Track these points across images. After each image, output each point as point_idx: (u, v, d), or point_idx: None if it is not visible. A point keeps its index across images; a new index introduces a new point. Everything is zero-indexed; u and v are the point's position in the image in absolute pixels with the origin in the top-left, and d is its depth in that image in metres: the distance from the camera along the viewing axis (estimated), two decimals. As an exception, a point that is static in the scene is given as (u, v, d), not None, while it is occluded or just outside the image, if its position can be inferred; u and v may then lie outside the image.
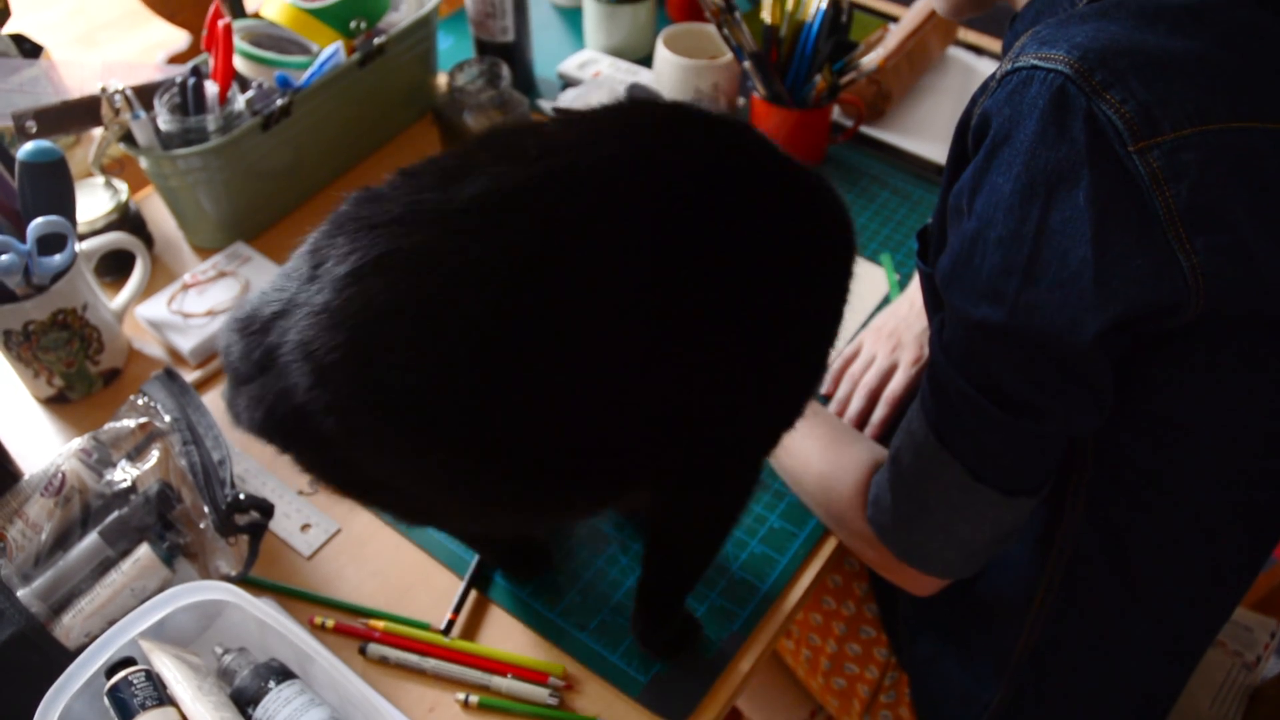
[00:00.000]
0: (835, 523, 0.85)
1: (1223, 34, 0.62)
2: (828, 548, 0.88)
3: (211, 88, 1.06)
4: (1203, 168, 0.59)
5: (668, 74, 1.24)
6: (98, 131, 1.06)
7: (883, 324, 1.01)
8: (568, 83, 1.39)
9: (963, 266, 0.66)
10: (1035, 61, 0.61)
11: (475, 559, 0.85)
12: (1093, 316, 0.62)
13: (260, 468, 0.93)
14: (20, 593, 0.75)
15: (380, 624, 0.81)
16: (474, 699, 0.77)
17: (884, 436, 0.94)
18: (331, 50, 1.14)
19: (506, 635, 0.82)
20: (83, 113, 1.03)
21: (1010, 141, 0.62)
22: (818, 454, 0.85)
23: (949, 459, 0.71)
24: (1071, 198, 0.60)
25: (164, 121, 1.04)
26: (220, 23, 1.05)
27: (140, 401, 0.88)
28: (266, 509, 0.82)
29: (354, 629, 0.81)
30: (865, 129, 1.31)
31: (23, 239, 0.88)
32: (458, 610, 0.82)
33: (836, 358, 1.01)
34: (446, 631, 0.81)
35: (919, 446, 0.73)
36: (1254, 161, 0.60)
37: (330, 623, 0.81)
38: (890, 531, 0.77)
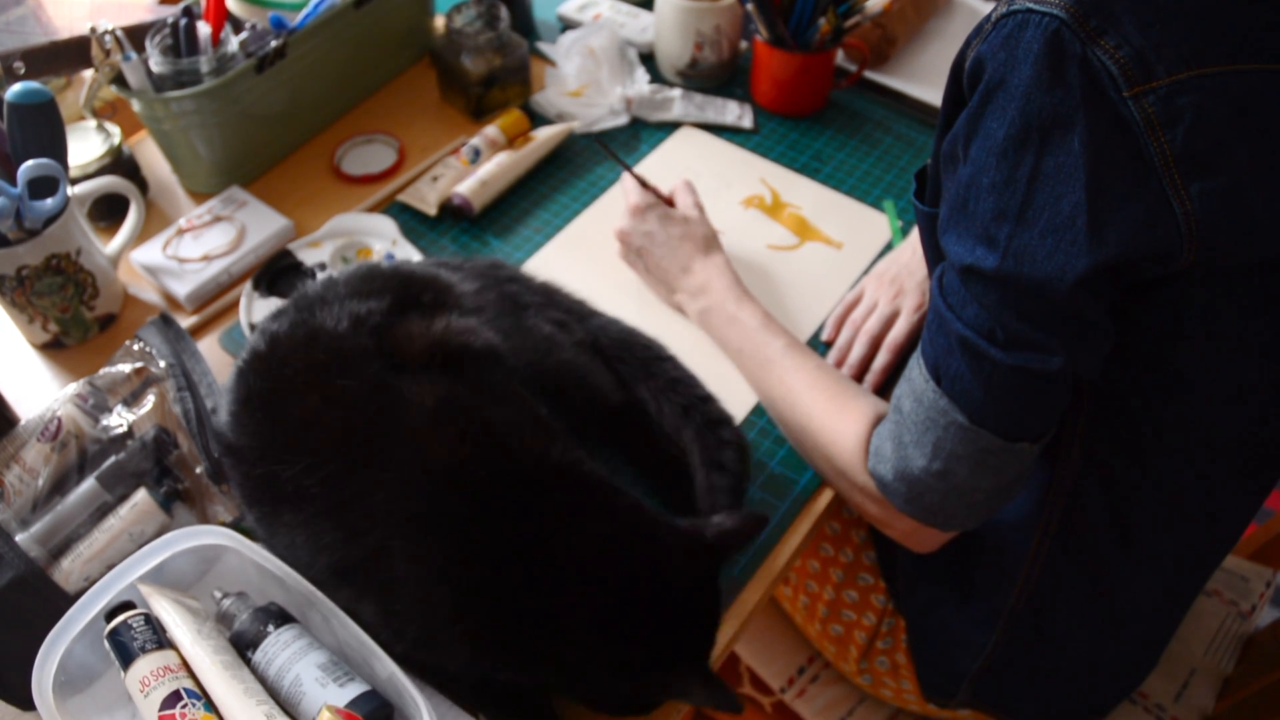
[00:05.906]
0: (837, 476, 0.84)
1: None
2: (826, 494, 0.88)
3: (204, 29, 1.04)
4: (1198, 112, 0.58)
5: (669, 17, 1.21)
6: (88, 73, 1.04)
7: (884, 270, 1.00)
8: (567, 25, 1.36)
9: (958, 212, 0.66)
10: (1031, 5, 0.60)
11: None
12: (1084, 262, 0.61)
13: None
14: (19, 537, 0.75)
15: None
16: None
17: (886, 383, 0.94)
18: (326, -10, 1.12)
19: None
20: (72, 54, 1.02)
21: (1005, 87, 0.61)
22: (820, 407, 0.84)
23: (949, 405, 0.70)
24: (1066, 143, 0.59)
25: (156, 63, 1.02)
26: (212, -39, 1.03)
27: (136, 347, 0.87)
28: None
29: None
30: (869, 74, 1.29)
31: (13, 182, 0.86)
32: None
33: (838, 304, 1.00)
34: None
35: (919, 394, 0.72)
36: (1252, 104, 0.59)
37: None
38: (890, 483, 0.76)
